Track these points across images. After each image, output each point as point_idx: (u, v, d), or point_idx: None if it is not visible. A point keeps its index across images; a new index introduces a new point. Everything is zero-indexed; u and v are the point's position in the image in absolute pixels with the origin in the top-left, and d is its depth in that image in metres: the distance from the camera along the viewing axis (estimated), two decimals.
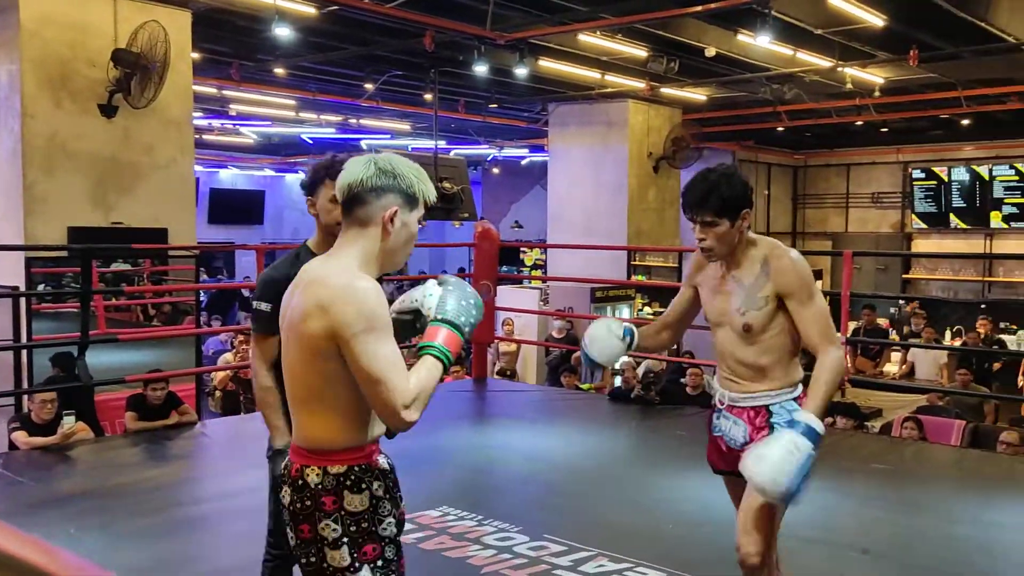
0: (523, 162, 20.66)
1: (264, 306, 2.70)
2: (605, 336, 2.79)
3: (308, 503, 1.94)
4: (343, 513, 1.93)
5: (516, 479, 5.14)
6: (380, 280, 2.08)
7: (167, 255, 8.27)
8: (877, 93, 11.67)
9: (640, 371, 8.44)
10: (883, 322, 13.07)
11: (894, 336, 12.93)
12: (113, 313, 8.87)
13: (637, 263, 14.26)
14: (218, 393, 8.76)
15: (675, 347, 12.65)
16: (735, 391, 2.72)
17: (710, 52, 9.51)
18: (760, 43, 8.40)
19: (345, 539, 1.93)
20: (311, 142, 17.76)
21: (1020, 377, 9.94)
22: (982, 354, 9.93)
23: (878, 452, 5.75)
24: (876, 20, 8.25)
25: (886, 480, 5.16)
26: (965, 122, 14.49)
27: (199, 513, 4.48)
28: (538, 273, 12.74)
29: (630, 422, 6.57)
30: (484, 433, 6.35)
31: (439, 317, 1.97)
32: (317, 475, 1.94)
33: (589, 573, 3.65)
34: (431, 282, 2.07)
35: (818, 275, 16.97)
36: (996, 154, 15.48)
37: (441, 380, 1.95)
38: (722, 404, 2.78)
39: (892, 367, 10.82)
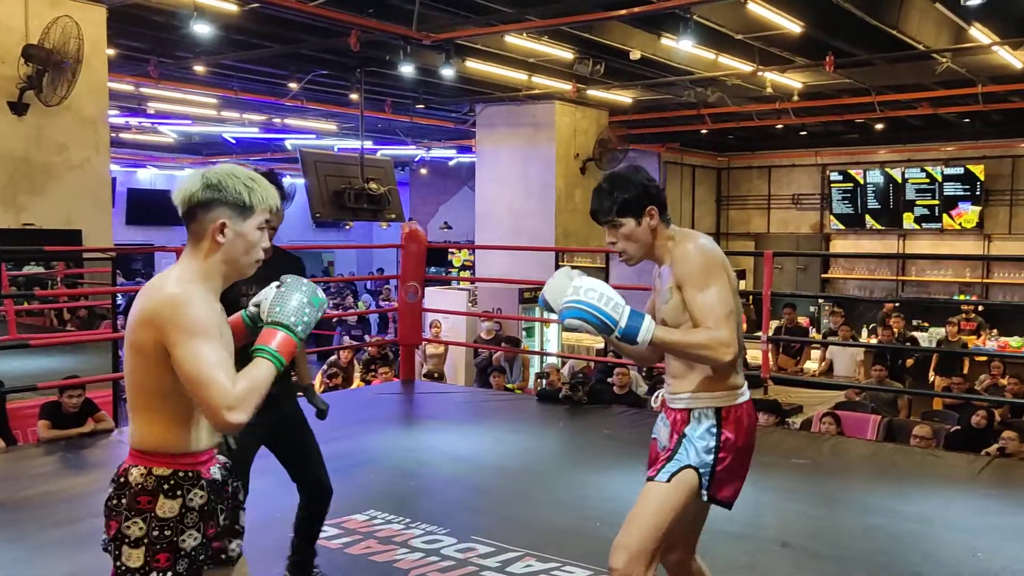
0: (451, 163, 20.62)
1: None
2: (563, 279, 2.58)
3: (123, 501, 2.00)
4: (152, 515, 1.97)
5: (444, 481, 5.12)
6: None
7: (82, 257, 8.01)
8: (796, 97, 11.98)
9: (565, 371, 8.50)
10: (803, 320, 13.43)
11: (814, 334, 13.30)
12: (25, 318, 8.58)
13: (565, 264, 14.36)
14: None
15: (603, 347, 12.80)
16: (668, 391, 2.65)
17: (635, 55, 9.63)
18: (683, 47, 8.55)
19: (146, 541, 1.97)
20: (234, 142, 17.41)
21: (931, 372, 10.31)
22: (896, 350, 10.27)
23: (798, 447, 5.89)
24: (793, 27, 8.47)
25: (805, 474, 5.30)
26: (879, 126, 14.99)
27: None
28: (466, 274, 12.72)
29: (557, 422, 6.61)
30: (412, 435, 6.31)
31: (271, 320, 2.04)
32: (141, 474, 2.00)
33: (517, 574, 3.66)
34: (272, 284, 2.11)
35: (741, 275, 17.33)
36: (908, 157, 16.04)
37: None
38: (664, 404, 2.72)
39: (812, 364, 11.11)
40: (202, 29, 7.78)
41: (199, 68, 10.69)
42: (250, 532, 2.31)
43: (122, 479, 2.02)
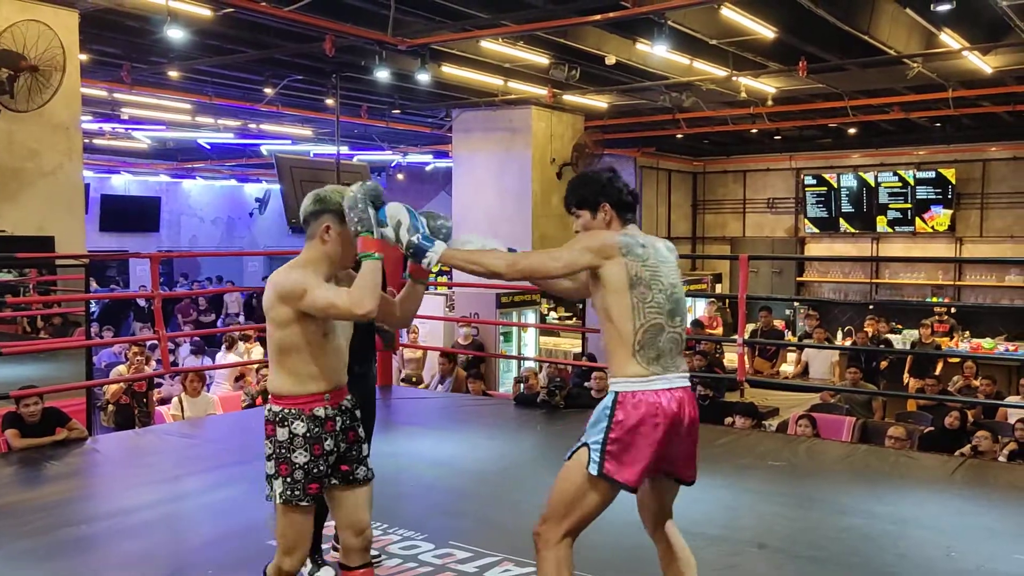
0: (428, 168, 20.59)
1: None
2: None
3: (265, 427, 2.80)
4: (273, 439, 2.77)
5: (421, 486, 5.11)
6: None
7: (54, 264, 7.92)
8: (770, 102, 12.07)
9: (543, 377, 8.50)
10: (779, 323, 13.52)
11: (790, 337, 13.40)
12: None
13: None
14: (110, 407, 8.43)
15: (579, 351, 12.81)
16: None
17: (610, 60, 9.67)
18: (657, 52, 8.59)
19: (273, 456, 2.77)
20: (209, 147, 17.29)
21: (906, 374, 10.41)
22: (870, 353, 10.37)
23: (774, 449, 5.93)
24: (767, 32, 8.54)
25: (782, 476, 5.33)
26: (852, 131, 15.13)
27: (89, 533, 4.29)
28: (444, 279, 12.73)
29: (535, 426, 6.61)
30: (389, 440, 6.27)
31: (361, 230, 2.65)
32: (268, 410, 2.80)
33: None
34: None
35: (717, 278, 17.46)
36: (880, 161, 16.21)
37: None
38: None
39: (788, 367, 11.18)
40: (176, 34, 7.73)
41: (173, 73, 10.60)
42: None
43: (265, 413, 2.82)
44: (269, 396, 2.82)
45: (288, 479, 2.74)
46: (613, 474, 2.67)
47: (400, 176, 21.60)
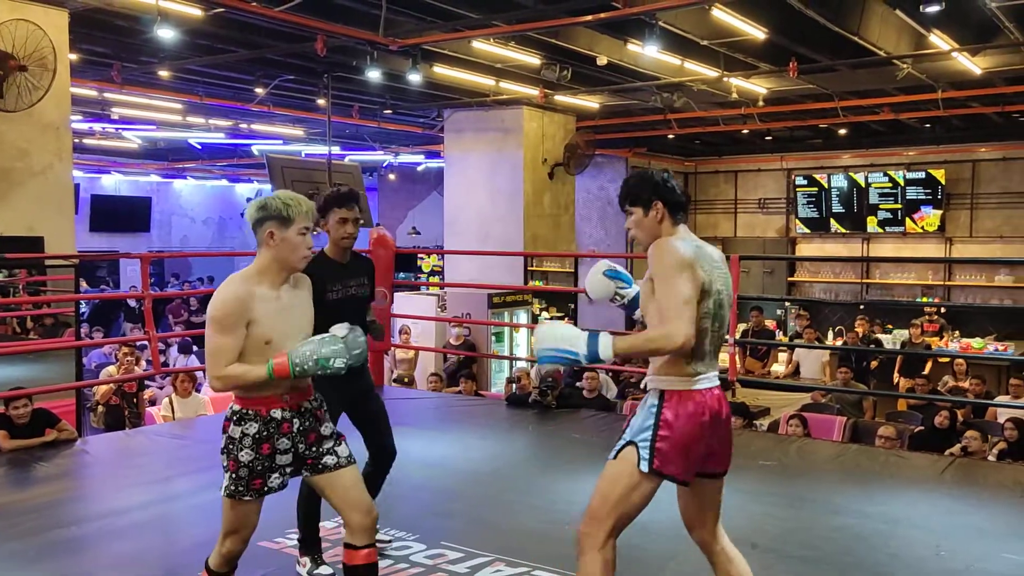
0: (419, 168, 20.59)
1: None
2: (595, 277, 3.24)
3: (223, 423, 2.94)
4: (227, 435, 2.91)
5: (413, 486, 5.10)
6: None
7: (44, 265, 7.89)
8: (761, 103, 12.11)
9: (534, 375, 8.50)
10: (770, 323, 13.56)
11: (781, 337, 13.44)
12: None
13: (534, 268, 14.39)
14: (100, 408, 8.39)
15: None
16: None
17: (601, 61, 9.68)
18: (648, 53, 8.60)
19: (224, 451, 2.92)
20: (200, 147, 17.25)
21: (896, 374, 10.45)
22: (861, 353, 10.40)
23: (765, 449, 5.94)
24: (757, 33, 8.56)
25: (773, 476, 5.34)
26: (842, 131, 15.19)
27: (79, 534, 4.27)
28: (435, 279, 12.68)
29: (527, 426, 6.61)
30: None
31: (292, 351, 2.83)
32: (229, 408, 2.94)
33: None
34: (342, 327, 2.91)
35: None
36: (871, 162, 16.27)
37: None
38: None
39: (779, 367, 11.21)
40: (166, 34, 7.70)
41: (164, 73, 10.57)
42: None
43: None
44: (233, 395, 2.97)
45: (234, 475, 2.87)
46: (663, 468, 2.74)
47: (392, 176, 21.59)
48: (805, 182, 16.76)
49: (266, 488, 2.92)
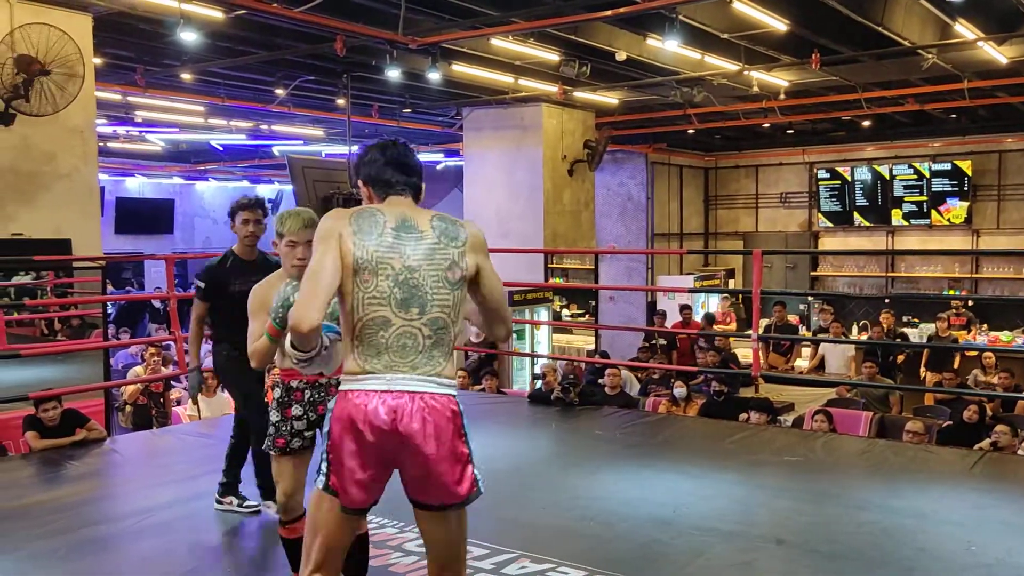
0: (439, 167, 20.61)
1: (200, 283, 4.35)
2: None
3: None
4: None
5: None
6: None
7: (71, 267, 7.98)
8: (782, 96, 12.02)
9: (559, 373, 8.51)
10: (793, 318, 13.47)
11: (804, 332, 13.34)
12: (15, 328, 8.54)
13: (554, 265, 14.37)
14: (128, 408, 8.48)
15: (592, 347, 12.80)
16: None
17: (620, 56, 9.65)
18: (668, 47, 8.56)
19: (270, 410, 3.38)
20: (222, 149, 17.37)
21: (922, 368, 10.34)
22: (887, 347, 10.30)
23: (790, 445, 5.90)
24: (779, 25, 8.50)
25: (798, 471, 5.31)
26: (866, 123, 15.04)
27: (108, 533, 4.32)
28: None
29: (549, 424, 6.61)
30: None
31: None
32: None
33: (511, 575, 3.66)
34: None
35: (730, 274, 17.40)
36: (895, 154, 16.11)
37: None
38: None
39: (803, 362, 11.13)
40: (188, 37, 7.76)
41: (186, 76, 10.66)
42: None
43: None
44: None
45: (272, 431, 3.30)
46: (338, 492, 2.49)
47: None
48: (827, 175, 16.62)
49: (288, 448, 3.27)
